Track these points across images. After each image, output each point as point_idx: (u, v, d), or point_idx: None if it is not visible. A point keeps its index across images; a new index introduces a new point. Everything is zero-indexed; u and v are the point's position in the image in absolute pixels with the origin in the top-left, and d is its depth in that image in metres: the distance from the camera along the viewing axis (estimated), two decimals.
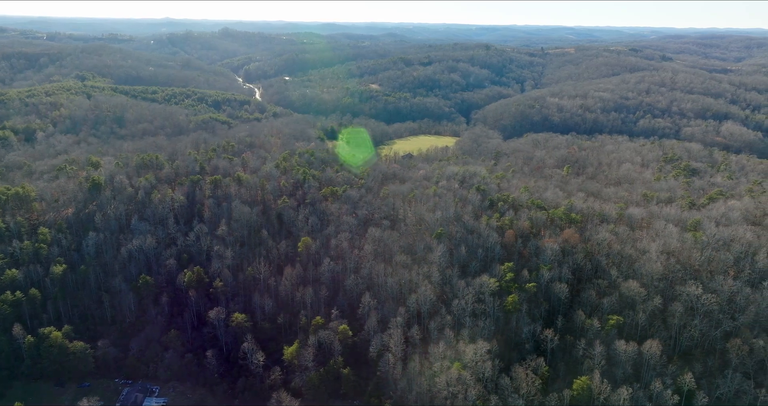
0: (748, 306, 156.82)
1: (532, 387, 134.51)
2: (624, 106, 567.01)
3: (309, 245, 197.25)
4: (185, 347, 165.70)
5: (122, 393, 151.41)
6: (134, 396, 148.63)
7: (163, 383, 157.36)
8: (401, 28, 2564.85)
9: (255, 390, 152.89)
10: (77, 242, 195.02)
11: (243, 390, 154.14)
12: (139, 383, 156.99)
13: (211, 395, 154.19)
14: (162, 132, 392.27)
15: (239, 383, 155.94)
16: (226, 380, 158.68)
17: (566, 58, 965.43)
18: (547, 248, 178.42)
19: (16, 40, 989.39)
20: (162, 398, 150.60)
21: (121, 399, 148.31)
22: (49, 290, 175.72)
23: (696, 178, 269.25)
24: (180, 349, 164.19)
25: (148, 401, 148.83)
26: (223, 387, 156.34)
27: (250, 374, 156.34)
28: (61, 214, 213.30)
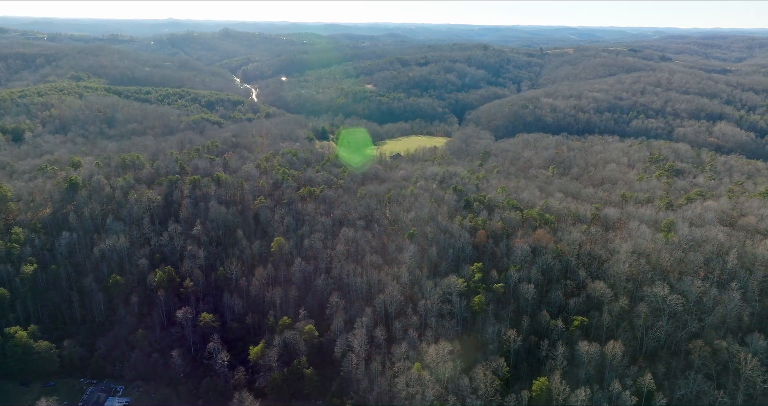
0: (715, 307, 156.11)
1: (490, 388, 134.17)
2: (618, 106, 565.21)
3: (282, 245, 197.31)
4: (152, 347, 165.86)
5: (86, 393, 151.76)
6: (97, 396, 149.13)
7: (128, 383, 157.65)
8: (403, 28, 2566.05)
9: (219, 390, 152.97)
10: (51, 242, 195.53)
11: (207, 390, 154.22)
12: (104, 382, 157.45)
13: (175, 395, 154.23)
14: (151, 132, 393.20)
15: (204, 383, 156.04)
16: (191, 379, 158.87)
17: (564, 58, 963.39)
18: (517, 249, 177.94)
19: (15, 41, 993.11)
20: (125, 397, 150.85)
21: (84, 399, 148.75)
22: (19, 290, 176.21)
23: (678, 179, 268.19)
24: (147, 349, 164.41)
25: (110, 400, 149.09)
26: (187, 387, 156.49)
27: (214, 374, 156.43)
28: (37, 214, 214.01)
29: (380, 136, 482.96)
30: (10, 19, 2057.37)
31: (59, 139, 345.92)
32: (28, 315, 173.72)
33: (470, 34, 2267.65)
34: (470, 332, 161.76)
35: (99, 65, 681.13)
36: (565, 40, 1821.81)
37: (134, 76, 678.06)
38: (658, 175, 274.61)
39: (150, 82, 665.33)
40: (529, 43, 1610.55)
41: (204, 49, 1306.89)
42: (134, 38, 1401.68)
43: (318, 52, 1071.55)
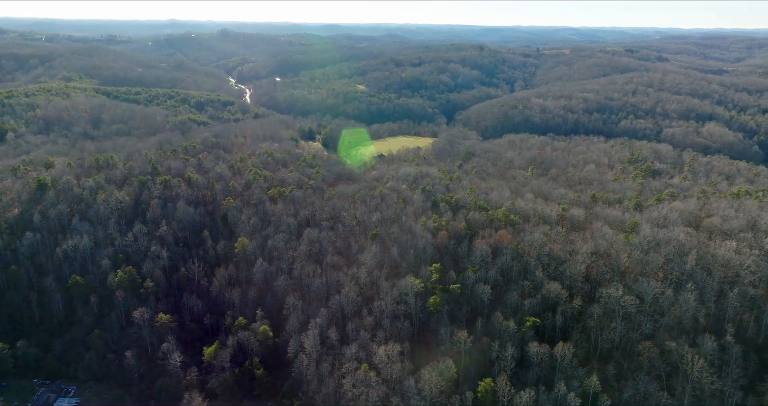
0: (669, 308, 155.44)
1: (435, 389, 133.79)
2: (608, 106, 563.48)
3: (246, 246, 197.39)
4: (108, 348, 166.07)
5: (37, 393, 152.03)
6: (47, 396, 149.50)
7: (82, 384, 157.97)
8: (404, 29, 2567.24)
9: (171, 391, 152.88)
10: (15, 243, 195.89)
11: (160, 391, 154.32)
12: (57, 383, 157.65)
13: (128, 395, 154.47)
14: (136, 133, 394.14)
15: (157, 383, 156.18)
16: (145, 380, 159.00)
17: (560, 59, 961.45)
18: (476, 250, 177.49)
19: (12, 42, 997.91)
20: (75, 398, 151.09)
21: (35, 399, 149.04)
22: None
23: (653, 180, 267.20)
24: (102, 349, 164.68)
25: (60, 401, 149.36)
26: (141, 387, 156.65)
27: (167, 375, 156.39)
28: (5, 214, 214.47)
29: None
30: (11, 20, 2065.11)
31: (41, 140, 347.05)
32: None
33: (471, 35, 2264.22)
34: (425, 333, 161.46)
35: (92, 66, 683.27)
36: (566, 40, 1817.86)
37: (126, 77, 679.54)
38: (634, 176, 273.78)
39: (143, 82, 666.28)
40: (530, 43, 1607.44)
41: (202, 49, 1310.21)
42: (132, 39, 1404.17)
43: (314, 52, 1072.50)
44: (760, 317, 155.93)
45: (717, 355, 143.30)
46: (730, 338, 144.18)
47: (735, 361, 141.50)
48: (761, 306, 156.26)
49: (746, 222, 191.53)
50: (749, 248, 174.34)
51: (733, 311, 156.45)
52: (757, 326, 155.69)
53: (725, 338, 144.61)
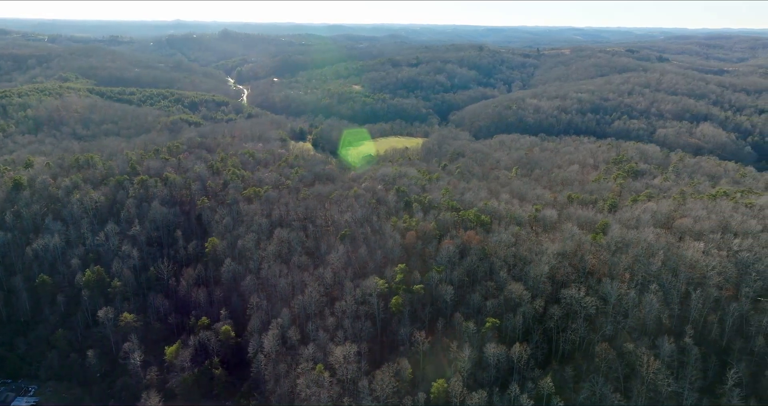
0: (632, 309, 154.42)
1: (387, 389, 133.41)
2: (602, 107, 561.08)
3: (216, 246, 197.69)
4: (71, 347, 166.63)
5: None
6: (6, 395, 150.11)
7: (43, 383, 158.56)
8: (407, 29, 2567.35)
9: (131, 390, 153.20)
10: None
11: (120, 390, 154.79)
12: (19, 382, 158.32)
13: (88, 395, 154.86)
14: (125, 133, 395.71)
15: (118, 382, 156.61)
16: (107, 379, 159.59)
17: (559, 59, 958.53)
18: (443, 250, 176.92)
19: (13, 42, 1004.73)
20: (34, 397, 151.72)
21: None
22: None
23: (633, 180, 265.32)
24: (65, 348, 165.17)
25: (18, 400, 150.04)
26: (101, 387, 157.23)
27: (128, 374, 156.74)
28: None
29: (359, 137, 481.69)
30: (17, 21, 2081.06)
31: (28, 140, 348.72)
32: None
33: (474, 35, 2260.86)
34: (386, 334, 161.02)
35: (89, 66, 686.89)
36: (570, 40, 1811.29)
37: (123, 77, 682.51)
38: (615, 177, 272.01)
39: (139, 83, 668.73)
40: (532, 43, 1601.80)
41: (202, 50, 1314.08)
42: (135, 39, 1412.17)
43: (313, 53, 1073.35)
44: (724, 318, 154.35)
45: (676, 357, 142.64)
46: (689, 340, 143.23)
47: (694, 363, 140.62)
48: (725, 308, 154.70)
49: (718, 223, 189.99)
50: (717, 249, 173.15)
51: (697, 313, 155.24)
52: (720, 328, 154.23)
53: (684, 340, 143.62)
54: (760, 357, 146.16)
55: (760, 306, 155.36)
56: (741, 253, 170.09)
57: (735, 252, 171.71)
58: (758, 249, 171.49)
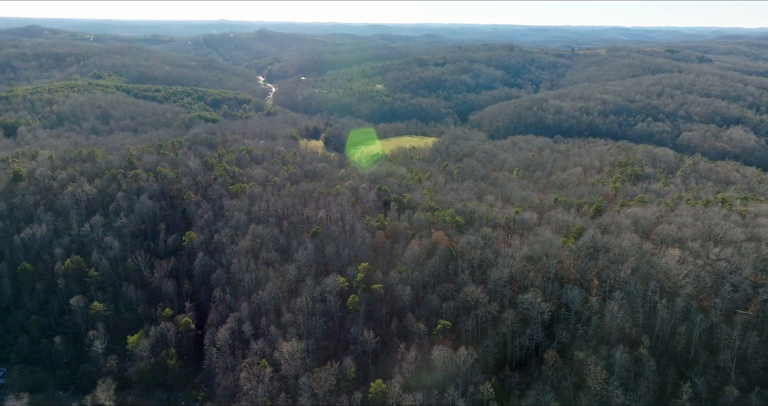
0: (591, 317, 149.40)
1: (324, 387, 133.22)
2: (627, 109, 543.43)
3: (194, 239, 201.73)
4: (43, 333, 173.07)
5: None
6: None
7: (12, 366, 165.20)
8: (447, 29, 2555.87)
9: (92, 377, 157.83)
10: None
11: (82, 376, 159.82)
12: None
13: (52, 379, 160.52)
14: (141, 129, 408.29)
15: (81, 369, 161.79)
16: (72, 365, 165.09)
17: (593, 59, 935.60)
18: (408, 250, 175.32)
19: (61, 41, 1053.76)
20: (1, 379, 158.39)
21: None
22: None
23: (632, 184, 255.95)
24: (36, 334, 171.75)
25: None
26: (65, 372, 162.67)
27: (90, 361, 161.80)
28: None
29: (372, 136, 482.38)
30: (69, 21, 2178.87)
31: (48, 133, 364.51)
32: None
33: (514, 35, 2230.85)
34: (343, 332, 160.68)
35: (122, 64, 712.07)
36: (613, 40, 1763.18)
37: (153, 75, 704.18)
38: (615, 180, 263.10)
39: (168, 80, 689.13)
40: (572, 43, 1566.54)
41: (238, 49, 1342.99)
42: (174, 39, 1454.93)
43: (343, 52, 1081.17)
44: (692, 330, 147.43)
45: (632, 368, 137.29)
46: (644, 351, 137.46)
47: (649, 375, 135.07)
48: (693, 319, 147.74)
49: (702, 231, 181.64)
50: (693, 257, 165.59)
51: (663, 323, 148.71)
52: (687, 339, 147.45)
53: (639, 351, 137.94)
54: (725, 372, 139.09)
55: (733, 319, 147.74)
56: (718, 262, 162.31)
57: (712, 261, 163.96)
58: (737, 259, 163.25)
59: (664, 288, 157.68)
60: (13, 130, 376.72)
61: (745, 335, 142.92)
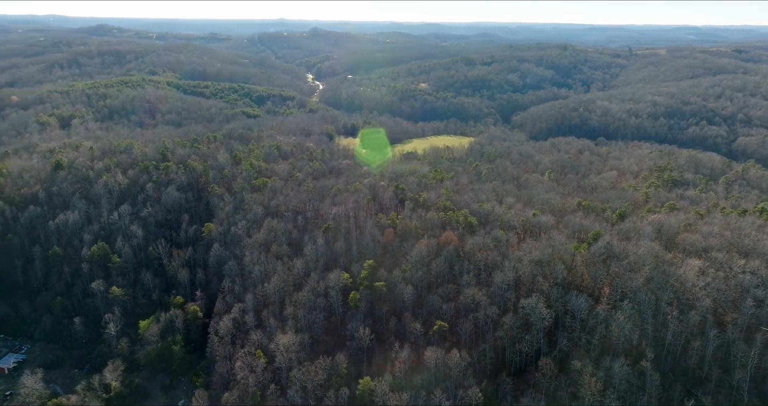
0: (596, 326, 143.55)
1: (313, 381, 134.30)
2: (680, 111, 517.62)
3: (212, 230, 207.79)
4: (66, 313, 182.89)
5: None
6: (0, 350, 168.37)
7: (35, 343, 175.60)
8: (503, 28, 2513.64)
9: (104, 357, 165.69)
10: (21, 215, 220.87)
11: (96, 356, 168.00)
12: (18, 340, 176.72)
13: (69, 358, 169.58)
14: (185, 123, 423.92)
15: (96, 349, 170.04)
16: (89, 345, 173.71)
17: (651, 59, 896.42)
18: (415, 249, 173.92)
19: (126, 39, 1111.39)
20: (23, 355, 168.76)
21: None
22: None
23: (666, 190, 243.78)
24: (60, 314, 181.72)
25: (9, 356, 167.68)
26: (82, 352, 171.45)
27: (104, 342, 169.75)
28: (30, 189, 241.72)
29: (409, 135, 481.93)
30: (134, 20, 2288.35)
31: (97, 126, 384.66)
32: None
33: (573, 34, 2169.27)
34: (344, 328, 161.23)
35: (176, 61, 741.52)
36: (679, 40, 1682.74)
37: (205, 72, 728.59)
38: (649, 185, 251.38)
39: (218, 77, 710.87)
40: (634, 43, 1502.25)
41: (291, 47, 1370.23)
42: (231, 37, 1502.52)
43: (392, 51, 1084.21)
44: (706, 345, 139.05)
45: (635, 382, 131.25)
46: (646, 364, 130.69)
47: (651, 390, 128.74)
48: (708, 334, 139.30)
49: (730, 241, 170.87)
50: (715, 269, 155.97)
51: (674, 337, 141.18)
52: (700, 355, 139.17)
53: (641, 364, 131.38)
54: (738, 392, 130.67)
55: (754, 336, 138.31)
56: (742, 275, 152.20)
57: (736, 273, 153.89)
58: (764, 272, 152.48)
59: (681, 300, 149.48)
60: (67, 122, 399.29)
61: (765, 353, 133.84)
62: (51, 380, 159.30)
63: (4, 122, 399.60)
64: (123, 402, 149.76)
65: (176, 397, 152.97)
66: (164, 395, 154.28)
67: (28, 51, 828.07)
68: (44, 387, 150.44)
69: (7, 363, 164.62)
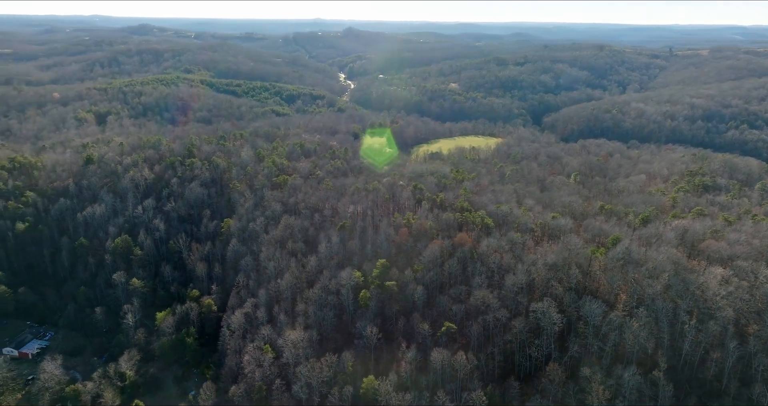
0: (609, 333, 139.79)
1: (317, 378, 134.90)
2: (719, 114, 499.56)
3: (231, 226, 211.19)
4: (89, 302, 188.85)
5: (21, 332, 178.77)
6: (25, 336, 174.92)
7: (59, 330, 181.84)
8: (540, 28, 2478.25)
9: (122, 347, 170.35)
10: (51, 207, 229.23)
11: (115, 345, 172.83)
12: (43, 327, 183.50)
13: (89, 345, 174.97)
14: (215, 120, 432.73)
15: (115, 339, 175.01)
16: (108, 334, 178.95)
17: (692, 60, 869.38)
18: (428, 249, 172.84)
19: (166, 39, 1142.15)
20: (46, 342, 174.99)
21: (15, 338, 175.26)
22: (11, 242, 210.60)
23: (695, 196, 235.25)
24: (83, 303, 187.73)
25: (34, 342, 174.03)
26: (102, 340, 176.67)
27: (122, 332, 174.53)
28: (63, 182, 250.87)
29: (436, 135, 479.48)
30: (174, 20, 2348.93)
31: (131, 123, 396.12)
32: (11, 264, 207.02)
33: (612, 34, 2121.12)
34: (352, 326, 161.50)
35: (211, 60, 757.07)
36: (723, 40, 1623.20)
37: (239, 70, 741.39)
38: (677, 190, 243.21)
39: (251, 76, 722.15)
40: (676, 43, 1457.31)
41: (325, 47, 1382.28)
42: (267, 36, 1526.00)
43: (425, 51, 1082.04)
44: (726, 357, 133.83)
45: (646, 392, 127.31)
46: (658, 374, 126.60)
47: (663, 400, 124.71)
48: (728, 345, 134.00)
49: (758, 250, 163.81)
50: (739, 278, 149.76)
51: (691, 346, 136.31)
52: (719, 366, 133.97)
53: (653, 374, 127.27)
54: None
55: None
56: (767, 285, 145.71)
57: (761, 283, 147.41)
58: None
59: (701, 309, 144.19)
60: (103, 118, 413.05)
61: None
62: (71, 366, 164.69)
63: (45, 118, 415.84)
64: (137, 391, 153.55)
65: (187, 388, 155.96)
66: (176, 386, 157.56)
67: (71, 50, 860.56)
68: (63, 373, 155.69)
69: (31, 349, 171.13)
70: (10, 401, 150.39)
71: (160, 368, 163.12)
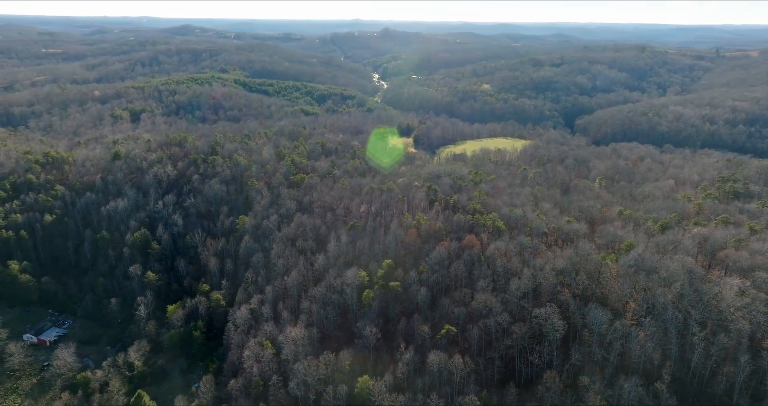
0: (614, 341, 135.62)
1: (313, 376, 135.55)
2: (763, 118, 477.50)
3: (245, 223, 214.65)
4: (106, 293, 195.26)
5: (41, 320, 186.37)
6: (44, 324, 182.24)
7: (77, 318, 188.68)
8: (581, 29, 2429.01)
9: (133, 337, 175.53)
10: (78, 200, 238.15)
11: (127, 336, 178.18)
12: (61, 316, 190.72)
13: (105, 335, 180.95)
14: (245, 119, 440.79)
15: (128, 329, 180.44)
16: (122, 325, 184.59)
17: (739, 62, 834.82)
18: (435, 251, 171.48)
19: (205, 39, 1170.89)
20: (64, 330, 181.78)
21: (35, 325, 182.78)
22: (38, 233, 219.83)
23: (723, 203, 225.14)
24: (101, 294, 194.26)
25: (52, 329, 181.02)
26: (116, 330, 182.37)
27: (135, 323, 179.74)
28: (92, 177, 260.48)
29: (463, 136, 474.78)
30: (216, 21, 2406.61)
31: (163, 121, 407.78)
32: (38, 255, 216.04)
33: (656, 35, 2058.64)
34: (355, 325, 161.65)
35: (247, 60, 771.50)
36: None
37: (274, 70, 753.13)
38: (704, 197, 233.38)
39: (285, 75, 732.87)
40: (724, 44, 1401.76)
41: (361, 47, 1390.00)
42: (305, 37, 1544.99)
43: (460, 51, 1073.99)
44: (737, 371, 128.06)
45: (650, 403, 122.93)
46: (661, 386, 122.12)
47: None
48: (740, 359, 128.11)
49: None
50: (757, 289, 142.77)
51: (701, 359, 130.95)
52: (730, 381, 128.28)
53: (655, 385, 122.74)
54: None
55: None
56: None
57: None
58: None
59: (714, 320, 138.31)
60: (138, 116, 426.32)
61: None
62: (85, 354, 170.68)
63: (84, 115, 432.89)
64: (144, 381, 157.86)
65: (192, 380, 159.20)
66: (181, 378, 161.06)
67: (117, 50, 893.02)
68: (76, 361, 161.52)
69: (49, 336, 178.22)
70: (26, 385, 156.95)
71: (167, 359, 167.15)
